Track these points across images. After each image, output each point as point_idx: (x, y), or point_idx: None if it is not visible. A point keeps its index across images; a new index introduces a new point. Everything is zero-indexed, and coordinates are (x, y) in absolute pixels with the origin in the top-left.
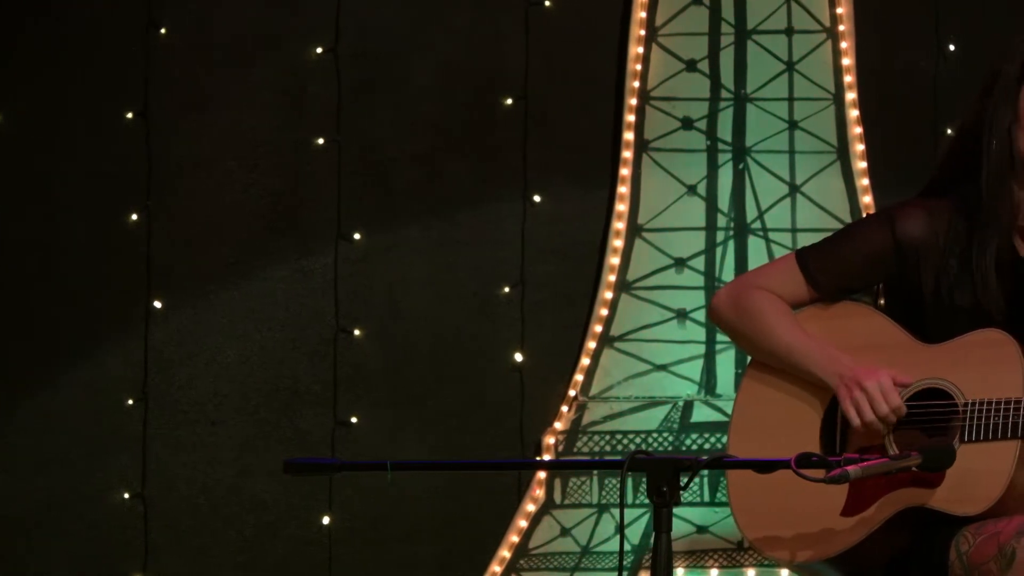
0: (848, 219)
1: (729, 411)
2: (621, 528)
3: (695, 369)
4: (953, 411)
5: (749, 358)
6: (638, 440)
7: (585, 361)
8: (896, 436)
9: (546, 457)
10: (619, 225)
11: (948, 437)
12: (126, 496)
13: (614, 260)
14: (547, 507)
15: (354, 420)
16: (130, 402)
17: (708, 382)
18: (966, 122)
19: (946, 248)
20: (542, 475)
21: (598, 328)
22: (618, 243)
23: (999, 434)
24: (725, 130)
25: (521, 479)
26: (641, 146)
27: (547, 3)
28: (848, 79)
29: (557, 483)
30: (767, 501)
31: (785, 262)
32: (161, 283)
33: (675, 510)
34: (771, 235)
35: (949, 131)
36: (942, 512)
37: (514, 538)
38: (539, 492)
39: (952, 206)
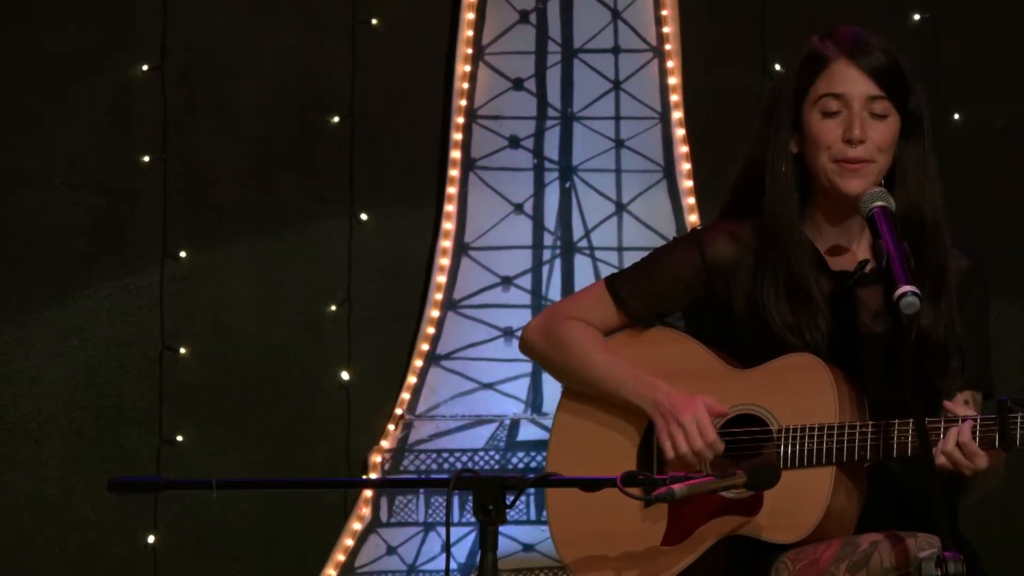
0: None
1: None
2: (447, 547)
3: (521, 387)
4: (767, 437)
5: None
6: (464, 458)
7: (411, 379)
8: (711, 462)
9: (372, 475)
10: (445, 243)
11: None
12: None
13: (440, 278)
14: (373, 525)
15: (180, 438)
16: None
17: (534, 400)
18: (752, 152)
19: (755, 268)
20: (368, 493)
21: (424, 346)
22: (444, 261)
23: (815, 460)
24: (552, 149)
25: (347, 497)
26: (468, 164)
27: (374, 22)
28: (674, 98)
29: (383, 501)
30: (587, 525)
31: (595, 290)
32: None
33: (501, 528)
34: (598, 253)
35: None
36: (761, 540)
37: (340, 556)
38: (365, 510)
39: (753, 228)
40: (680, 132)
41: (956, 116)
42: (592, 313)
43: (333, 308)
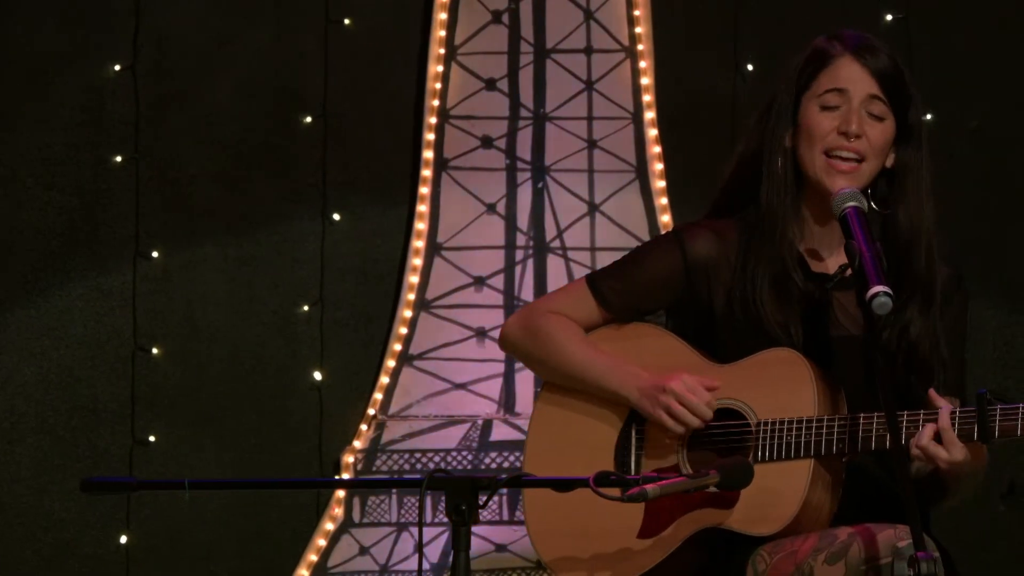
0: (647, 238)
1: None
2: (419, 547)
3: (494, 388)
4: (746, 431)
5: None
6: (437, 459)
7: (384, 379)
8: (690, 456)
9: (345, 475)
10: (418, 243)
11: (742, 456)
12: None
13: (413, 279)
14: (346, 525)
15: (152, 438)
16: None
17: (507, 400)
18: (747, 148)
19: (736, 267)
20: (341, 493)
21: (397, 346)
22: (417, 261)
23: (792, 453)
24: (524, 149)
25: (320, 497)
26: (440, 164)
27: (347, 21)
28: (647, 98)
29: (356, 501)
30: (564, 522)
31: (576, 286)
32: None
33: (474, 529)
34: (570, 254)
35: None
36: (738, 532)
37: (312, 556)
38: (338, 510)
39: (738, 226)
40: (652, 132)
41: (929, 117)
42: (573, 310)
43: (306, 308)
